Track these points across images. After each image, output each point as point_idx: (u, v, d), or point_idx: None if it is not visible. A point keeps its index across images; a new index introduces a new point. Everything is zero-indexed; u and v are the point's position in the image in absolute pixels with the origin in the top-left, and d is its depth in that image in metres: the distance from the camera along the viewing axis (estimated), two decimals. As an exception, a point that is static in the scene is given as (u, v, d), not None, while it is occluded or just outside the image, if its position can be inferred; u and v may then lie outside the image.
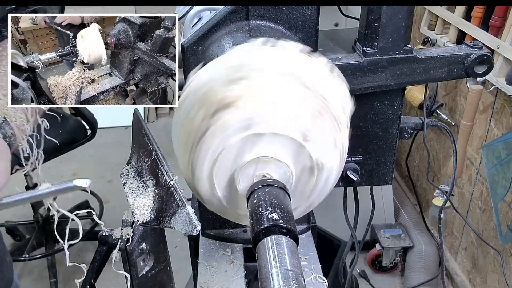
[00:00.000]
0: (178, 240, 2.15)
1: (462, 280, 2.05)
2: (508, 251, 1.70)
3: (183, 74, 0.80)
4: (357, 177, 0.90)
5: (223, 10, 0.79)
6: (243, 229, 0.99)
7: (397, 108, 0.88)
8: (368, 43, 0.82)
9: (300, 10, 0.79)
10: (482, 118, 1.77)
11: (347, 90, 0.67)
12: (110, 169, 2.96)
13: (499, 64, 1.53)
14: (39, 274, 2.27)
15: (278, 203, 0.55)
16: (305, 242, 0.99)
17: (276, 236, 0.51)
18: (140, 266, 0.74)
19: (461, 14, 1.76)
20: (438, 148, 2.21)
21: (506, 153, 1.57)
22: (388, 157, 0.93)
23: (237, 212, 0.69)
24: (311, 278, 0.90)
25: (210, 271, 0.91)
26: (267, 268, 0.49)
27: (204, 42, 0.80)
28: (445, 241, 2.18)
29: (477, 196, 1.88)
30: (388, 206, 2.27)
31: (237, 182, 0.62)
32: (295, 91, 0.61)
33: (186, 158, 0.65)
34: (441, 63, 0.83)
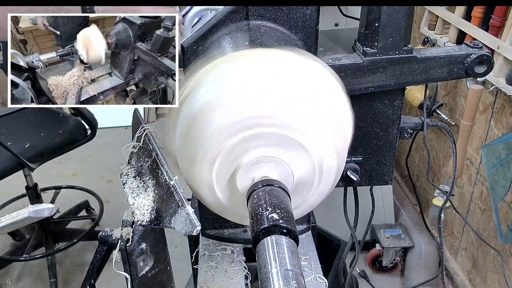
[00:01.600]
0: (178, 240, 2.15)
1: (462, 280, 2.05)
2: (508, 251, 1.70)
3: (183, 74, 0.80)
4: (357, 177, 0.90)
5: (223, 10, 0.79)
6: (243, 229, 0.99)
7: (397, 108, 0.88)
8: (368, 43, 0.82)
9: (300, 10, 0.79)
10: (482, 118, 1.77)
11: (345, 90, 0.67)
12: (110, 169, 2.96)
13: (499, 64, 1.53)
14: (39, 274, 2.27)
15: (278, 203, 0.55)
16: (305, 242, 0.99)
17: (276, 236, 0.51)
18: (140, 266, 0.74)
19: (461, 14, 1.76)
20: (438, 148, 2.21)
21: (506, 153, 1.57)
22: (388, 157, 0.93)
23: (237, 212, 0.69)
24: (311, 278, 0.90)
25: (210, 271, 0.91)
26: (267, 268, 0.49)
27: (204, 42, 0.80)
28: (445, 241, 2.18)
29: (477, 196, 1.88)
30: (388, 206, 2.27)
31: (237, 182, 0.62)
32: (297, 91, 0.61)
33: (186, 158, 0.65)
34: (441, 63, 0.83)
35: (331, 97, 0.64)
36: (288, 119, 0.60)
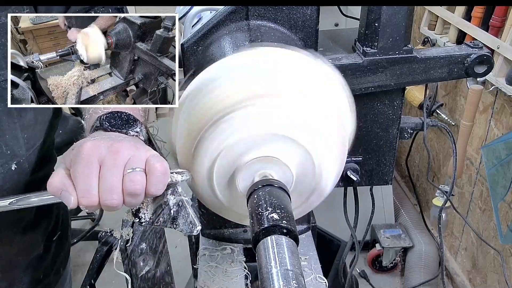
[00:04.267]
0: (178, 240, 2.15)
1: (462, 280, 2.05)
2: (508, 251, 1.70)
3: (183, 74, 0.80)
4: (357, 177, 0.90)
5: (223, 10, 0.79)
6: (243, 229, 0.99)
7: (397, 108, 0.88)
8: (368, 43, 0.82)
9: (300, 10, 0.79)
10: (482, 118, 1.77)
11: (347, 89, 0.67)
12: (110, 169, 2.95)
13: (499, 64, 1.53)
14: (39, 274, 2.27)
15: (278, 203, 0.55)
16: (305, 242, 0.99)
17: (276, 236, 0.51)
18: (140, 266, 0.74)
19: (461, 14, 1.76)
20: (438, 148, 2.21)
21: (506, 153, 1.57)
22: (388, 157, 0.93)
23: (237, 212, 0.69)
24: (311, 278, 0.90)
25: (210, 271, 0.91)
26: (267, 268, 0.49)
27: (204, 42, 0.80)
28: (445, 241, 2.18)
29: (477, 196, 1.88)
30: (388, 206, 2.27)
31: (237, 181, 0.62)
32: (299, 91, 0.60)
33: (186, 157, 0.65)
34: (441, 63, 0.83)
35: (332, 96, 0.64)
36: (288, 119, 0.60)
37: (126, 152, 0.57)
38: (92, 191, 0.55)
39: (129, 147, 0.58)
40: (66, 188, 0.56)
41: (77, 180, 0.56)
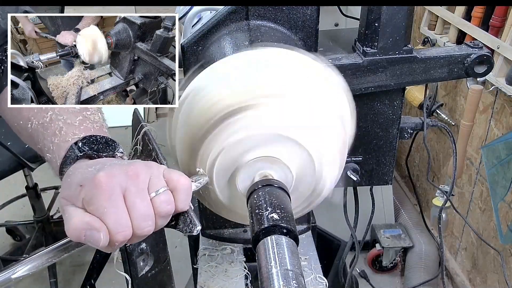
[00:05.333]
0: (178, 240, 2.15)
1: (462, 280, 2.05)
2: (508, 251, 1.70)
3: (183, 74, 0.80)
4: (357, 177, 0.90)
5: (223, 10, 0.79)
6: (243, 229, 0.99)
7: (397, 108, 0.88)
8: (368, 43, 0.82)
9: (300, 10, 0.79)
10: (482, 118, 1.77)
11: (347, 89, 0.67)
12: (110, 169, 2.95)
13: (499, 64, 1.53)
14: (39, 274, 2.27)
15: (278, 203, 0.55)
16: (305, 242, 0.99)
17: (276, 236, 0.51)
18: (140, 266, 0.74)
19: (461, 14, 1.76)
20: (438, 148, 2.21)
21: (506, 153, 1.57)
22: (388, 157, 0.93)
23: (237, 212, 0.69)
24: (311, 278, 0.90)
25: (210, 271, 0.91)
26: (267, 268, 0.49)
27: (204, 42, 0.80)
28: (445, 241, 2.18)
29: (477, 196, 1.88)
30: (388, 206, 2.27)
31: (237, 181, 0.62)
32: (298, 91, 0.60)
33: (186, 157, 0.65)
34: (441, 63, 0.83)
35: (332, 96, 0.64)
36: (288, 119, 0.60)
37: (144, 173, 0.53)
38: (126, 224, 0.51)
39: (142, 167, 0.54)
40: (91, 226, 0.50)
41: (105, 215, 0.50)
